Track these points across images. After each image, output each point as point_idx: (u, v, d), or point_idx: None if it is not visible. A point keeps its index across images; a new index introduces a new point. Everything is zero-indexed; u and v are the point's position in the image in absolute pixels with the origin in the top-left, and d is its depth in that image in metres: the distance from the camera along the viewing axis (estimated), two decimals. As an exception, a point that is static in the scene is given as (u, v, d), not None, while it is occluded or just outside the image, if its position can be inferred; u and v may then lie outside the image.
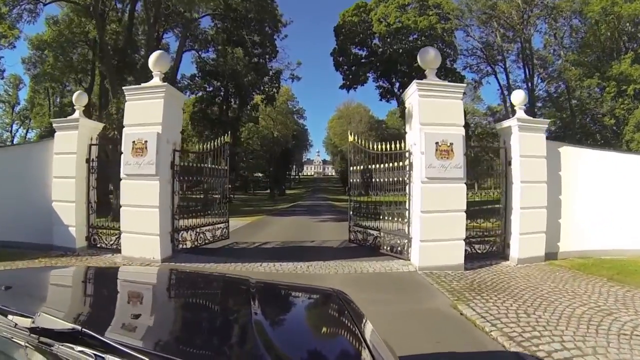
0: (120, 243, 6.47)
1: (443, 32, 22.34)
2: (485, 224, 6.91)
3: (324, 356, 1.03)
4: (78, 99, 7.41)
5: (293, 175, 72.04)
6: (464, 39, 25.15)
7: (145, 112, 6.29)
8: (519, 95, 6.99)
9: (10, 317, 0.90)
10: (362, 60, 25.61)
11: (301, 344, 1.04)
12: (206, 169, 7.75)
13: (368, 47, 25.27)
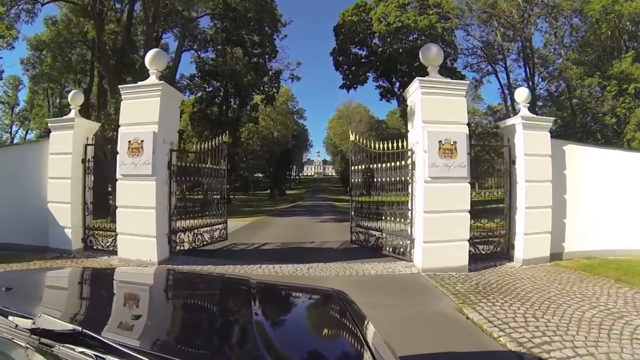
0: (116, 245, 6.35)
1: (443, 31, 22.29)
2: (488, 224, 6.77)
3: (325, 357, 1.03)
4: (74, 98, 7.29)
5: (293, 175, 71.89)
6: (464, 38, 25.09)
7: (142, 111, 6.16)
8: (522, 93, 6.82)
9: (11, 318, 0.90)
10: (362, 59, 25.56)
11: (302, 345, 1.05)
12: (204, 169, 7.59)
13: (368, 47, 25.21)
